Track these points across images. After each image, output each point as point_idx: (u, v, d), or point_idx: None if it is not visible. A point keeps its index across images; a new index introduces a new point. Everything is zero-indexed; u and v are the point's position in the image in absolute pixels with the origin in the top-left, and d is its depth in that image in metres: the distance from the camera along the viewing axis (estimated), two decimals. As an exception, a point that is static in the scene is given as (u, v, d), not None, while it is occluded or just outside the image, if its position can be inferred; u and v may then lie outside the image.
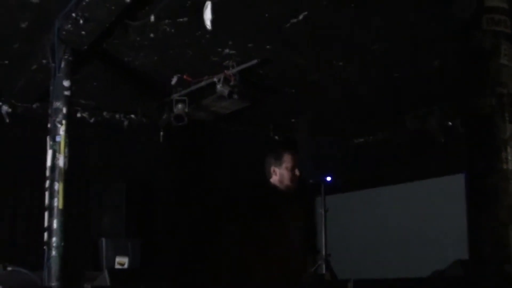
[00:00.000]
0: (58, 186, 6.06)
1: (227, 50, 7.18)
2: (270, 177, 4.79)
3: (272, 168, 4.82)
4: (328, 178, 8.37)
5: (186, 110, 8.33)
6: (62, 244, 5.98)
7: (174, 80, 8.04)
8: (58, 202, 6.05)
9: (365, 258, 9.87)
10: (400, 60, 7.52)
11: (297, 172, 4.83)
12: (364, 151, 10.66)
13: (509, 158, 4.66)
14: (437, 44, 6.95)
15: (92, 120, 9.25)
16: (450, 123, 8.98)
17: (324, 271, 7.72)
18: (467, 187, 5.46)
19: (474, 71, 4.96)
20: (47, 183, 6.12)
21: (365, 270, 8.91)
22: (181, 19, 6.36)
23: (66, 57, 6.25)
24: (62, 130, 6.16)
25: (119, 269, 7.52)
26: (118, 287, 4.99)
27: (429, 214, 9.50)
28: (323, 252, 7.96)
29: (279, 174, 4.75)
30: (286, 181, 4.76)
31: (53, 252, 5.93)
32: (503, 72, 4.78)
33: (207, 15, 5.56)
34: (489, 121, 4.79)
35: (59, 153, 6.11)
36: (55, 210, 6.04)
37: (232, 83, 7.50)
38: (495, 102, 4.74)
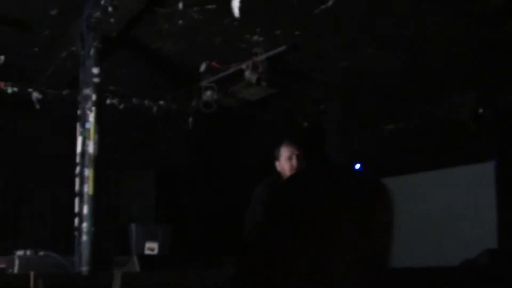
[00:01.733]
0: (88, 172, 6.11)
1: (255, 37, 7.16)
2: (277, 171, 4.85)
3: (276, 163, 4.89)
4: (358, 166, 8.33)
5: (215, 96, 8.35)
6: (93, 229, 6.03)
7: (202, 67, 8.05)
8: (88, 188, 6.09)
9: (394, 247, 9.80)
10: (430, 47, 7.44)
11: (294, 161, 4.84)
12: (394, 138, 10.59)
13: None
14: (469, 32, 6.87)
15: (121, 107, 9.30)
16: (481, 111, 8.88)
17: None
18: (498, 176, 5.40)
19: (508, 60, 4.91)
20: (77, 169, 6.17)
21: (394, 259, 8.86)
22: (209, 6, 6.36)
23: (95, 44, 6.27)
24: (91, 116, 6.20)
25: (148, 255, 7.57)
26: (148, 273, 5.01)
27: (459, 202, 9.43)
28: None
29: (280, 166, 4.82)
30: (287, 172, 4.81)
31: (84, 237, 5.98)
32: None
33: (235, 3, 5.56)
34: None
35: (89, 139, 6.15)
36: (86, 196, 6.09)
37: (260, 69, 7.49)
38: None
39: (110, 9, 5.83)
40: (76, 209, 6.12)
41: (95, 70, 6.30)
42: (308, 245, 1.39)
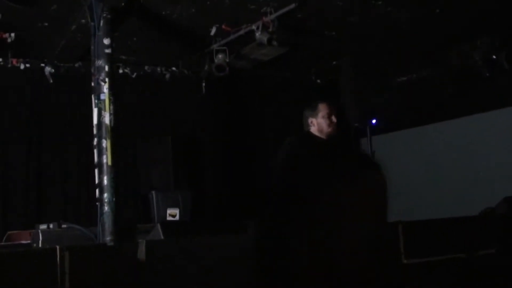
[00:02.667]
0: (106, 143, 6.15)
1: (264, -4, 7.12)
2: (309, 129, 4.87)
3: (310, 120, 4.91)
4: (373, 121, 8.30)
5: (227, 59, 8.33)
6: (114, 199, 6.09)
7: (213, 31, 8.01)
8: (107, 159, 6.14)
9: (415, 198, 9.83)
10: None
11: (334, 119, 4.91)
12: (409, 90, 10.53)
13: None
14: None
15: (134, 75, 9.30)
16: (494, 57, 8.79)
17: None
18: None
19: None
20: (95, 141, 6.21)
21: (415, 210, 8.88)
22: (216, -31, 6.31)
23: (104, 15, 6.27)
24: (105, 88, 6.22)
25: (171, 221, 7.63)
26: (171, 240, 5.06)
27: (477, 150, 9.40)
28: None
29: (317, 123, 4.85)
30: (325, 129, 4.87)
31: (106, 208, 6.05)
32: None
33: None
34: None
35: (105, 110, 6.17)
36: (105, 167, 6.14)
37: (271, 29, 7.46)
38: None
39: (116, -21, 5.81)
40: (97, 180, 6.17)
41: (106, 41, 6.30)
42: (330, 212, 1.42)
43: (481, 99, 9.32)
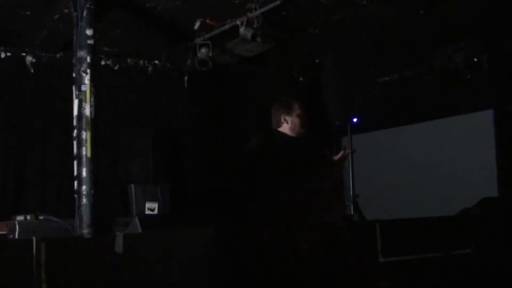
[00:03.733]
0: (85, 135, 6.10)
1: (249, -8, 7.11)
2: (279, 126, 4.86)
3: (283, 117, 4.89)
4: (355, 120, 8.32)
5: (210, 54, 8.30)
6: (92, 192, 6.05)
7: (197, 25, 7.97)
8: (86, 151, 6.10)
9: (394, 198, 9.89)
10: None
11: (305, 119, 4.93)
12: (390, 90, 10.58)
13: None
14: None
15: (116, 67, 9.26)
16: (475, 60, 8.85)
17: (352, 212, 7.75)
18: (496, 127, 5.42)
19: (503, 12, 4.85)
20: (75, 132, 6.16)
21: (393, 210, 8.93)
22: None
23: (88, 5, 6.22)
24: (87, 79, 6.17)
25: (149, 215, 7.61)
26: (149, 233, 5.05)
27: (457, 152, 9.46)
28: (351, 193, 7.96)
29: (291, 122, 4.84)
30: (298, 128, 4.86)
31: (84, 200, 6.01)
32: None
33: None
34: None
35: (85, 102, 6.13)
36: (84, 159, 6.10)
37: (255, 25, 7.45)
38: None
39: (100, -31, 5.77)
40: (75, 172, 6.13)
41: (89, 32, 6.25)
42: (290, 206, 1.48)
43: (461, 101, 9.38)
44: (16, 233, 5.70)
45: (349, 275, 1.30)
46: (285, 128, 4.80)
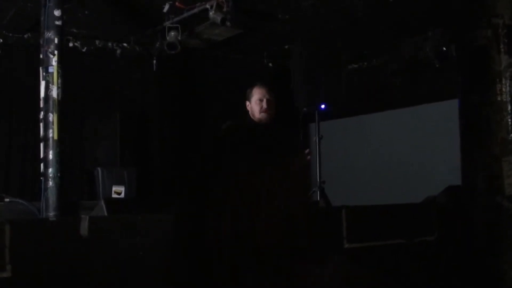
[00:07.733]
0: (52, 117, 6.05)
1: (219, -24, 7.08)
2: (248, 113, 4.90)
3: (247, 103, 4.93)
4: (322, 106, 8.35)
5: (179, 37, 8.26)
6: (58, 174, 6.01)
7: (166, 8, 7.93)
8: (53, 133, 6.04)
9: (360, 185, 9.97)
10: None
11: (264, 104, 4.92)
12: (359, 77, 10.63)
13: (503, 90, 4.64)
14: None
15: (84, 50, 9.18)
16: (444, 48, 8.92)
17: (318, 198, 7.79)
18: (461, 119, 5.47)
19: (469, 2, 4.89)
20: (42, 114, 6.10)
21: (360, 196, 9.00)
22: None
23: (56, -14, 6.16)
24: (54, 60, 6.10)
25: (115, 199, 7.58)
26: (115, 216, 5.02)
27: (423, 140, 9.56)
28: (318, 179, 8.00)
29: (250, 108, 4.88)
30: (256, 113, 4.88)
31: (50, 183, 5.96)
32: (499, 2, 4.70)
33: None
34: (484, 52, 4.73)
35: (53, 84, 6.07)
36: (50, 141, 6.04)
37: (225, 9, 7.43)
38: (490, 33, 4.68)
39: (69, -51, 5.70)
40: (42, 154, 6.08)
41: (57, 13, 6.17)
42: (250, 190, 1.49)
43: (429, 90, 9.46)
44: (-20, 215, 5.65)
45: (302, 263, 1.33)
46: (250, 114, 4.85)
